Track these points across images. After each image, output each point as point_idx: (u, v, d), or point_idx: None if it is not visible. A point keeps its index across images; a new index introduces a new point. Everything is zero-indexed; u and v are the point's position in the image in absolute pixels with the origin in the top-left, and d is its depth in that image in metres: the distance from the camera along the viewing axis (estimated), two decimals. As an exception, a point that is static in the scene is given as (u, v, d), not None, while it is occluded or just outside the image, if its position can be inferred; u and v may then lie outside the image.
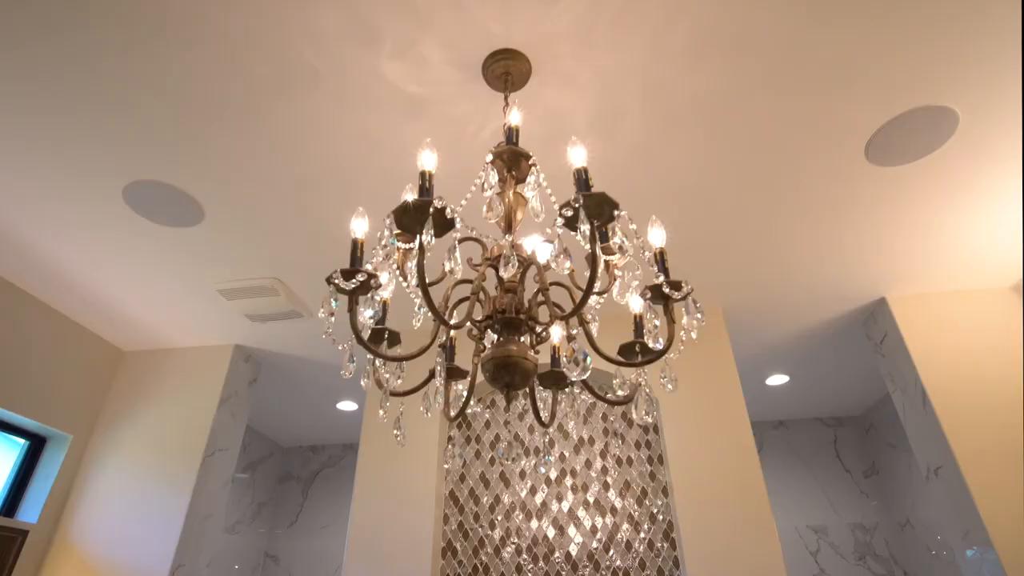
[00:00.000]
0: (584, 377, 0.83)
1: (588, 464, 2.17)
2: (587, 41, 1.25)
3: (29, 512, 2.11)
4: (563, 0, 1.17)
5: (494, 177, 0.85)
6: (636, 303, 0.97)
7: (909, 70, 1.33)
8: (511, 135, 0.93)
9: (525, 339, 0.96)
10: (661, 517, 2.05)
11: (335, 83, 1.33)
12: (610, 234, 0.91)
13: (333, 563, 3.49)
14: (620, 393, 1.04)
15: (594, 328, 1.02)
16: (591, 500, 2.10)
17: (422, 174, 0.80)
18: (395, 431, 0.94)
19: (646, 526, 2.04)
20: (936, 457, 2.04)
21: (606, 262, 0.99)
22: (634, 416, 1.03)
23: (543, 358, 1.32)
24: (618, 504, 2.08)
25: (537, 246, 1.04)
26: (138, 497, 2.18)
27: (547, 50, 1.27)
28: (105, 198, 1.66)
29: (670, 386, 0.94)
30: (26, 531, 2.04)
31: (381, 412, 0.90)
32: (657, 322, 0.87)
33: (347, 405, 3.22)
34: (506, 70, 1.28)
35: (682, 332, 0.92)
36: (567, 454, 2.20)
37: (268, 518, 3.68)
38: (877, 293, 2.26)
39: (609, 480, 2.13)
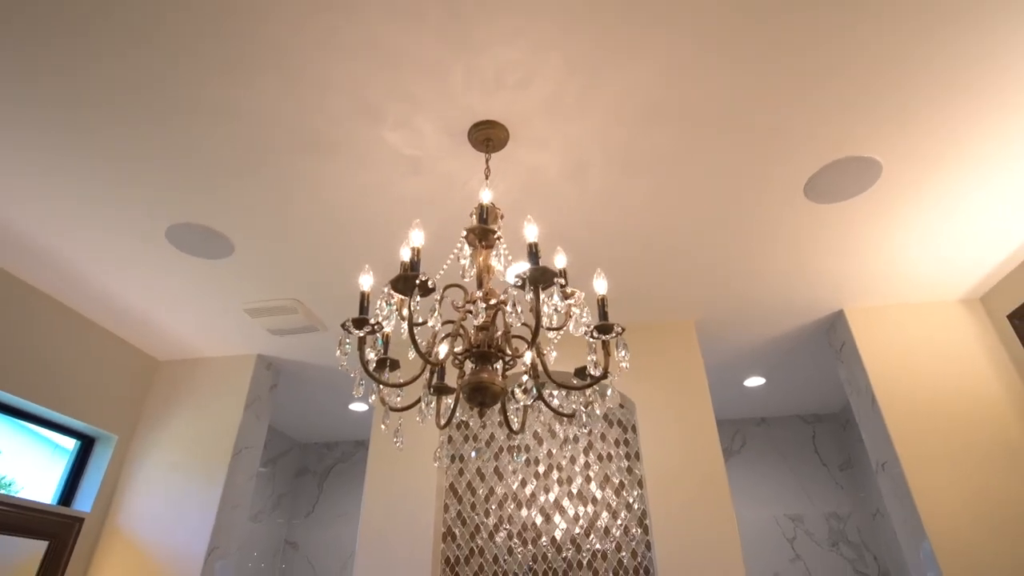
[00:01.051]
0: (531, 402, 1.09)
1: (572, 460, 2.44)
2: (554, 114, 1.50)
3: (83, 502, 2.43)
4: (532, 85, 1.42)
5: (467, 250, 1.12)
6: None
7: (835, 126, 1.57)
8: (483, 213, 1.19)
9: (496, 367, 1.22)
10: (636, 506, 2.31)
11: (347, 148, 1.59)
12: (564, 289, 1.17)
13: (347, 549, 3.80)
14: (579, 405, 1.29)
15: (552, 357, 1.28)
16: (575, 491, 2.38)
17: (413, 249, 1.07)
18: (395, 440, 1.21)
19: (623, 514, 2.31)
20: (882, 454, 2.29)
21: (566, 309, 1.26)
22: (597, 409, 1.30)
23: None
24: (598, 495, 2.36)
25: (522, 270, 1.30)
26: (176, 489, 2.49)
27: (521, 121, 1.52)
28: (150, 237, 1.94)
29: (598, 410, 1.19)
30: (82, 518, 2.35)
31: (383, 426, 1.17)
32: (592, 357, 1.13)
33: (358, 406, 3.52)
34: (487, 136, 1.54)
35: (619, 361, 1.18)
36: (554, 451, 2.47)
37: (287, 508, 4.00)
38: (836, 306, 2.50)
39: (591, 474, 2.40)
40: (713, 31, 1.30)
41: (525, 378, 1.08)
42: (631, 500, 2.33)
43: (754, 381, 3.22)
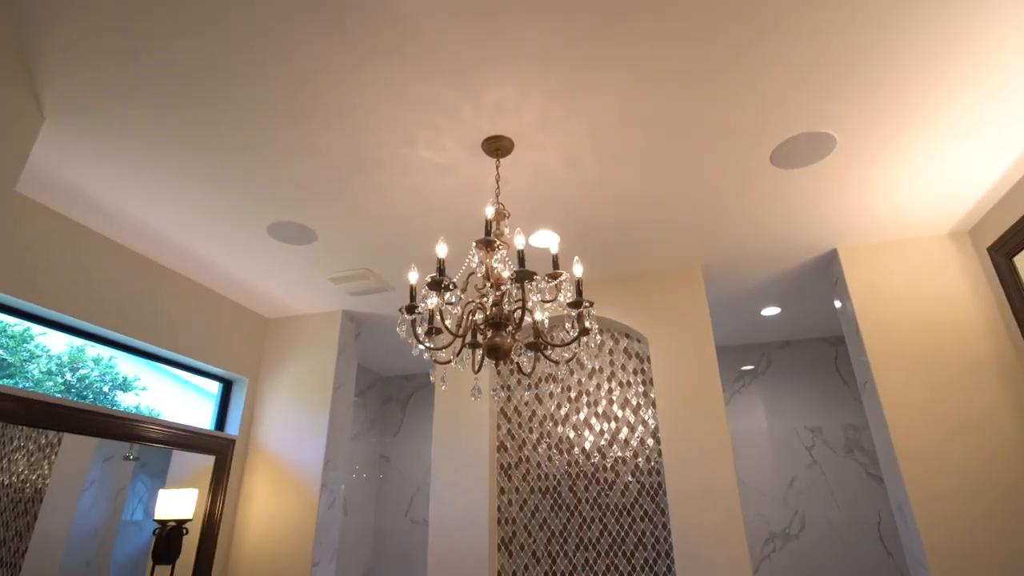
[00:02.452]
0: (530, 355, 1.60)
1: (598, 386, 2.98)
2: (545, 128, 1.91)
3: (232, 428, 3.25)
4: (524, 111, 1.83)
5: (476, 257, 1.60)
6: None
7: (793, 105, 1.88)
8: (488, 228, 1.66)
9: (507, 332, 1.73)
10: (650, 422, 2.84)
11: (394, 163, 2.08)
12: (551, 278, 1.64)
13: (427, 460, 4.61)
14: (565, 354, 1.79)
15: (545, 321, 1.78)
16: (600, 411, 2.92)
17: (439, 260, 1.57)
18: (442, 385, 1.77)
19: (639, 429, 2.84)
20: (863, 375, 2.65)
21: (556, 285, 1.73)
22: (584, 359, 1.80)
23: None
24: (619, 414, 2.89)
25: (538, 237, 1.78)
26: (295, 418, 3.25)
27: (521, 134, 1.94)
28: (256, 232, 2.56)
29: (574, 372, 1.68)
30: (233, 440, 3.18)
31: (431, 378, 1.73)
32: (568, 326, 1.62)
33: (444, 340, 4.18)
34: (496, 147, 1.98)
35: (589, 324, 1.66)
36: (583, 380, 3.01)
37: (378, 430, 4.85)
38: (830, 245, 2.79)
39: (613, 397, 2.93)
40: (668, 52, 1.65)
41: (522, 348, 1.58)
42: (646, 418, 2.85)
43: (770, 311, 3.57)
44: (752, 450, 3.94)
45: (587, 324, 1.64)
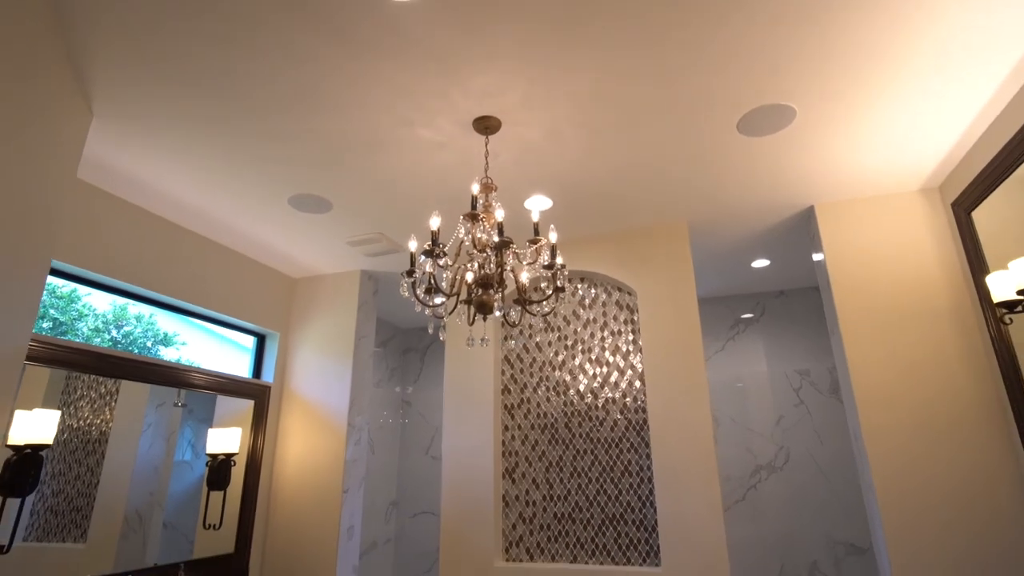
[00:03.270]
0: (505, 312, 1.89)
1: (592, 335, 3.27)
2: (529, 108, 2.13)
3: (267, 376, 3.66)
4: (507, 94, 2.05)
5: (463, 228, 1.87)
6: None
7: (753, 79, 2.07)
8: (474, 202, 1.92)
9: (492, 291, 2.02)
10: (637, 367, 3.14)
11: (397, 142, 2.33)
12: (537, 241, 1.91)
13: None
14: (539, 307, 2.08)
15: (525, 280, 2.05)
16: (593, 357, 3.24)
17: (432, 232, 1.85)
18: (440, 337, 2.07)
19: (628, 373, 3.15)
20: (833, 325, 2.89)
21: (536, 249, 2.00)
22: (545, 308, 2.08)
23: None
24: (610, 359, 3.20)
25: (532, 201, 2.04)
26: (322, 367, 3.64)
27: (506, 113, 2.17)
28: (278, 203, 2.86)
29: (562, 309, 1.97)
30: (269, 386, 3.60)
31: (430, 330, 2.03)
32: (544, 284, 1.90)
33: (439, 299, 4.51)
34: (485, 125, 2.21)
35: (561, 283, 1.94)
36: (578, 329, 3.31)
37: (399, 377, 5.27)
38: (808, 202, 2.97)
39: (605, 344, 3.23)
40: (635, 35, 1.85)
41: (500, 305, 1.86)
42: (634, 363, 3.15)
43: (760, 263, 3.78)
44: (744, 392, 4.23)
45: (559, 283, 1.92)
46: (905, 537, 2.42)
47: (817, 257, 3.04)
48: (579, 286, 3.41)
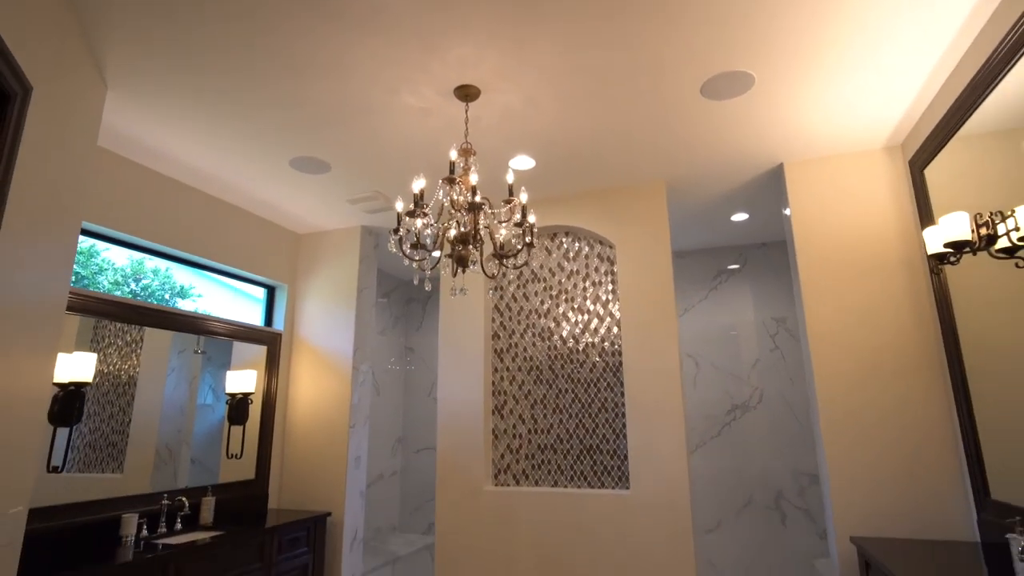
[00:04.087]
0: (479, 265, 2.14)
1: (575, 286, 3.53)
2: (504, 78, 2.31)
3: (278, 324, 3.98)
4: (483, 65, 2.23)
5: (442, 191, 2.10)
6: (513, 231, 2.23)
7: (713, 47, 2.23)
8: (452, 167, 2.13)
9: (471, 247, 2.25)
10: (616, 315, 3.40)
11: (386, 109, 2.53)
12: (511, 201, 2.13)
13: (447, 351, 5.36)
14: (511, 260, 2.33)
15: (502, 235, 2.29)
16: (575, 306, 3.50)
17: (415, 194, 2.07)
18: (426, 287, 2.33)
19: (607, 320, 3.42)
20: (795, 276, 3.11)
21: (511, 208, 2.22)
22: (517, 262, 2.33)
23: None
24: (591, 307, 3.46)
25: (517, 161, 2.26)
26: (328, 315, 3.94)
27: (485, 82, 2.35)
28: (280, 165, 3.08)
29: (534, 261, 2.21)
30: (280, 333, 3.91)
31: (415, 281, 2.29)
32: (514, 240, 2.13)
33: (437, 254, 4.77)
34: (465, 93, 2.40)
35: (530, 239, 2.17)
36: (562, 280, 3.56)
37: (403, 326, 5.59)
38: (778, 160, 3.14)
39: (587, 294, 3.49)
40: (596, 10, 2.01)
41: (474, 259, 2.11)
42: (612, 310, 3.42)
43: (739, 216, 3.97)
44: (724, 338, 4.50)
45: (528, 240, 2.15)
46: (843, 465, 2.72)
47: (786, 212, 3.23)
48: (564, 240, 3.64)
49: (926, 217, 2.67)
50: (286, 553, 3.12)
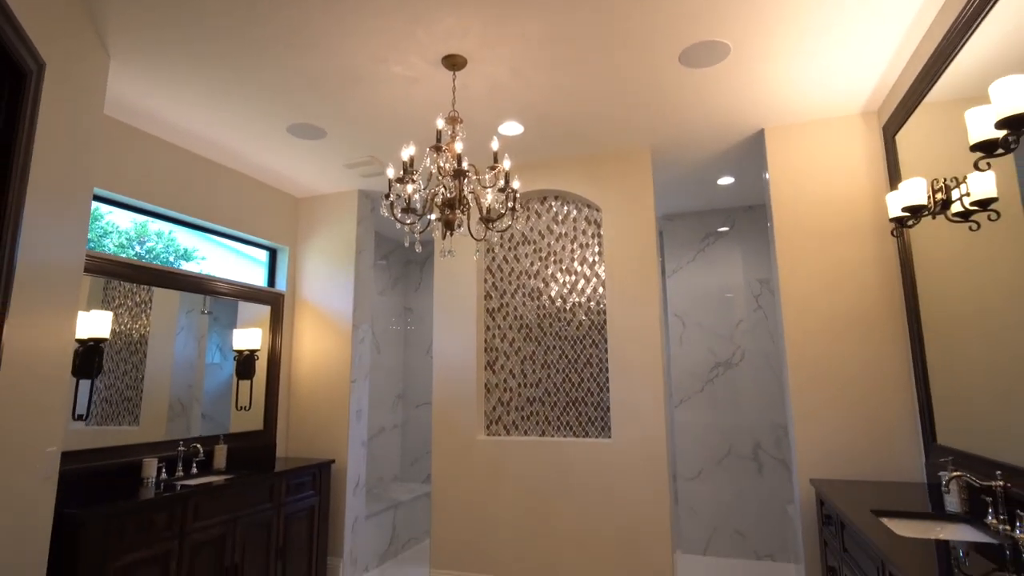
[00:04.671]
0: (463, 227, 2.29)
1: (563, 248, 3.68)
2: (489, 48, 2.41)
3: (280, 284, 4.16)
4: (468, 36, 2.33)
5: (429, 159, 2.23)
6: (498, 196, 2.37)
7: (689, 17, 2.32)
8: (439, 136, 2.25)
9: (458, 211, 2.40)
10: (601, 275, 3.57)
11: (375, 78, 2.63)
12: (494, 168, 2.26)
13: (444, 311, 5.56)
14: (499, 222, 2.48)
15: (488, 200, 2.43)
16: (564, 267, 3.66)
17: (404, 162, 2.21)
18: (416, 248, 2.49)
19: (593, 280, 3.59)
20: (772, 239, 3.25)
21: (495, 174, 2.35)
22: (502, 225, 2.48)
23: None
24: (578, 269, 3.63)
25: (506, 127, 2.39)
26: (328, 277, 4.12)
27: (471, 52, 2.45)
28: (278, 131, 3.19)
29: (518, 226, 2.36)
30: (283, 294, 4.10)
31: (405, 243, 2.45)
32: (497, 205, 2.28)
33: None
34: (453, 63, 2.50)
35: (512, 204, 2.31)
36: (551, 243, 3.71)
37: (402, 286, 5.78)
38: (759, 126, 3.23)
39: (575, 256, 3.65)
40: (564, -2, 2.11)
41: (460, 220, 2.26)
42: (598, 271, 3.58)
43: (725, 180, 4.08)
44: (709, 298, 4.67)
45: (511, 204, 2.30)
46: (808, 415, 2.93)
47: (766, 176, 3.35)
48: (553, 203, 3.77)
49: (896, 182, 2.80)
50: (294, 495, 3.38)
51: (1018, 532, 1.73)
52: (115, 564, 2.35)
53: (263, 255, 4.17)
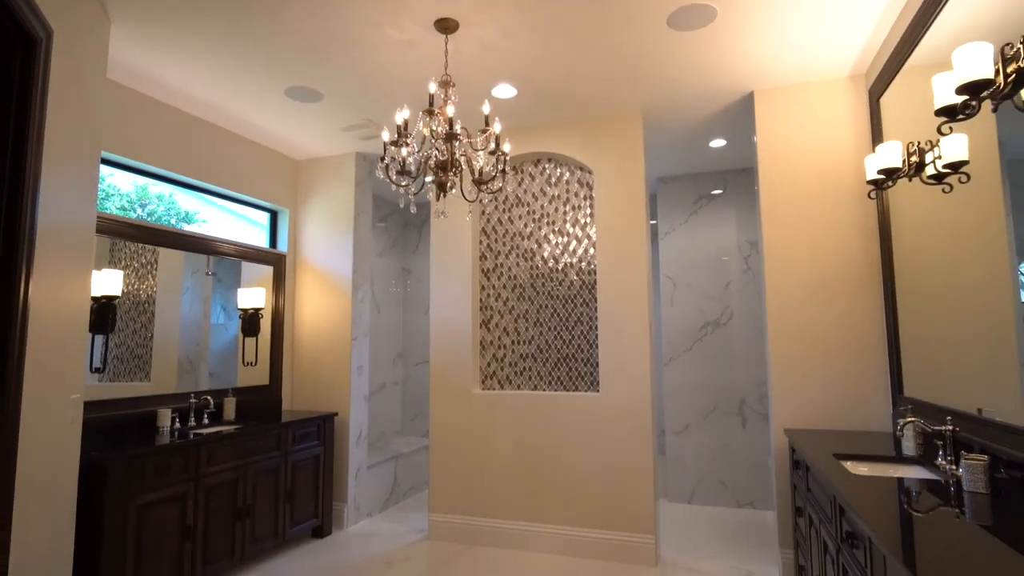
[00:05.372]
0: (454, 189, 2.39)
1: (556, 210, 3.78)
2: (481, 11, 2.46)
3: (282, 246, 4.28)
4: (461, 2, 2.38)
5: (422, 122, 2.32)
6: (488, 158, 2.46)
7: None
8: (431, 100, 2.33)
9: (451, 172, 2.50)
10: (593, 237, 3.68)
11: (372, 42, 2.69)
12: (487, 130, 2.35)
13: (442, 272, 5.69)
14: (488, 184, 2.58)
15: (478, 165, 2.52)
16: (556, 229, 3.77)
17: (398, 126, 2.30)
18: (412, 209, 2.60)
19: (584, 241, 3.70)
20: (758, 203, 3.34)
21: (486, 137, 2.44)
22: (496, 185, 2.59)
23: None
24: (570, 230, 3.74)
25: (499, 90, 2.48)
26: (328, 238, 4.23)
27: (462, 16, 2.50)
28: (276, 94, 3.26)
29: (507, 186, 2.46)
30: (284, 255, 4.22)
31: (401, 204, 2.55)
32: (488, 168, 2.38)
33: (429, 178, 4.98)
34: (445, 26, 2.55)
35: (502, 167, 2.41)
36: (544, 205, 3.81)
37: (400, 248, 5.89)
38: (749, 88, 3.29)
39: (567, 218, 3.75)
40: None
41: (452, 182, 2.36)
42: (589, 232, 3.69)
43: (717, 143, 4.14)
44: (701, 260, 4.79)
45: (501, 167, 2.40)
46: (785, 370, 3.09)
47: (754, 139, 3.42)
48: (546, 166, 3.85)
49: (878, 145, 2.87)
50: (300, 445, 3.59)
51: (960, 471, 1.90)
52: (137, 502, 2.56)
53: (263, 218, 4.28)
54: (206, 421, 3.41)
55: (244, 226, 4.12)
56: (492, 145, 2.42)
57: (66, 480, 2.16)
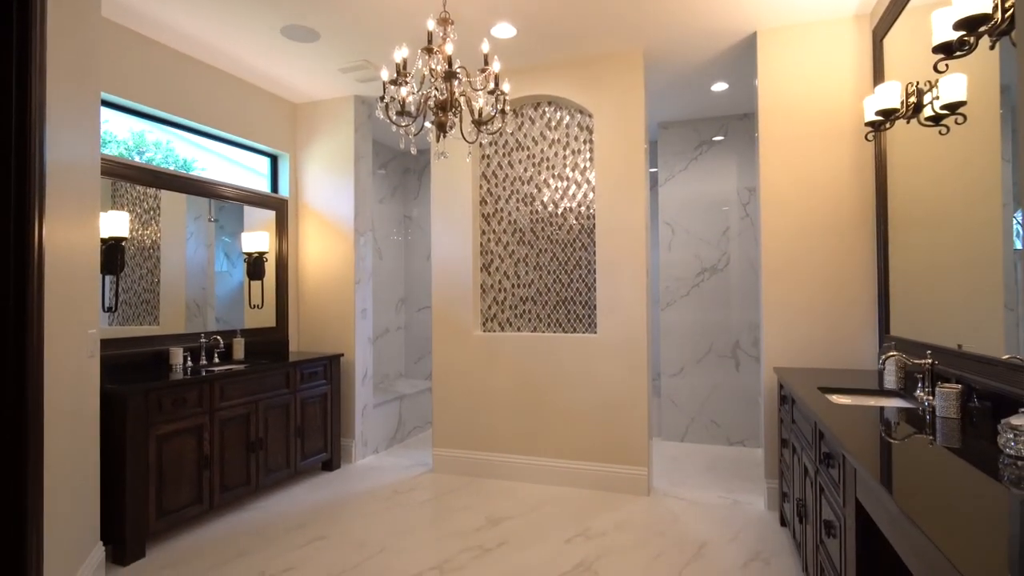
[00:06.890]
0: (453, 129, 2.41)
1: (556, 154, 3.78)
2: (479, -56, 2.41)
3: (283, 190, 4.30)
4: (458, -68, 2.33)
5: (421, 61, 2.30)
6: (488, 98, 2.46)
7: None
8: (430, 38, 2.31)
9: (451, 113, 2.50)
10: (592, 181, 3.70)
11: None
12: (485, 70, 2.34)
13: (443, 219, 5.71)
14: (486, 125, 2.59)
15: (479, 104, 2.52)
16: (556, 173, 3.78)
17: (397, 64, 2.29)
18: (412, 151, 2.61)
19: (584, 186, 3.72)
20: (757, 146, 3.34)
21: (485, 76, 2.43)
22: (508, 127, 2.61)
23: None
24: (570, 175, 3.75)
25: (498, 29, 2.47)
26: (328, 183, 4.24)
27: (461, -50, 2.45)
28: (272, 33, 3.21)
29: (508, 127, 2.48)
30: (286, 199, 4.25)
31: (401, 145, 2.57)
32: (488, 108, 2.38)
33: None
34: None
35: (501, 107, 2.41)
36: (544, 149, 3.81)
37: (401, 195, 5.90)
38: (752, 28, 3.23)
39: (567, 162, 3.76)
40: None
41: (451, 123, 2.37)
42: (589, 177, 3.71)
43: (719, 87, 4.08)
44: (700, 206, 4.81)
45: (500, 107, 2.40)
46: (777, 310, 3.18)
47: (755, 83, 3.39)
48: (547, 109, 3.82)
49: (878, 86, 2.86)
50: (307, 383, 3.73)
51: (936, 400, 2.01)
52: (156, 432, 2.70)
53: (262, 166, 4.28)
54: (216, 360, 3.54)
55: (244, 173, 4.13)
56: (492, 85, 2.42)
57: (89, 409, 2.29)
